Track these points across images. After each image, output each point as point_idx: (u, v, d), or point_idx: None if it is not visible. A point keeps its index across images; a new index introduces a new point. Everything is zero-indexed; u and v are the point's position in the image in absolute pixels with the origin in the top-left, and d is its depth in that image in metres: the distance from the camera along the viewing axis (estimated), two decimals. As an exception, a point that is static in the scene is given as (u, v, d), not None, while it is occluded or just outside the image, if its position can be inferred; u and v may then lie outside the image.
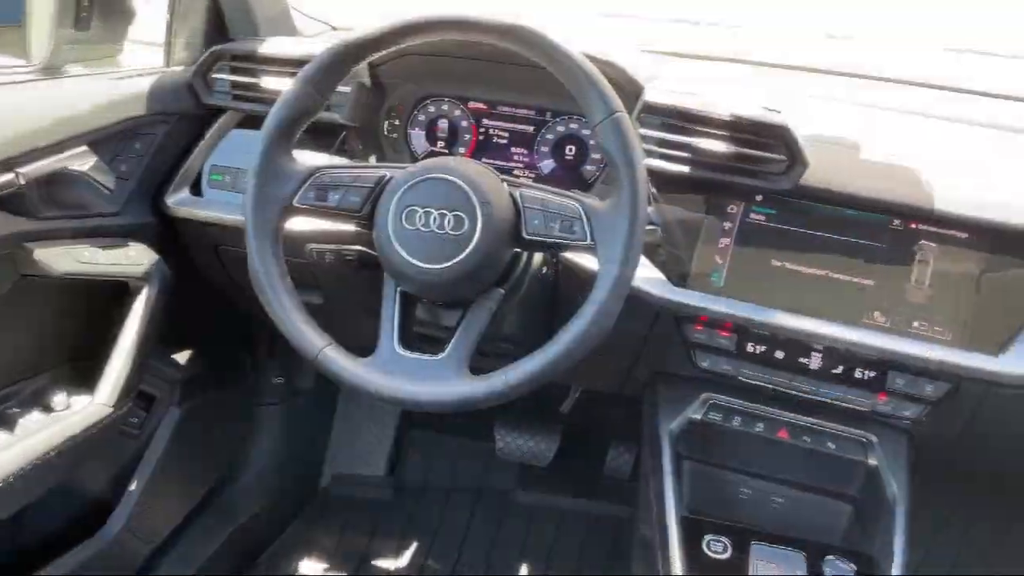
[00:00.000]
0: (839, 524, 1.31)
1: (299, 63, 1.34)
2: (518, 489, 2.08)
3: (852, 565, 1.19)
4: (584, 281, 1.01)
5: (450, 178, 1.03)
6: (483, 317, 1.06)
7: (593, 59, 1.03)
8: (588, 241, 1.02)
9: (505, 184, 1.06)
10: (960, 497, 1.81)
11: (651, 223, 1.21)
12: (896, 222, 1.18)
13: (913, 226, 1.17)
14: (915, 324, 1.16)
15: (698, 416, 1.33)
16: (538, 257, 1.20)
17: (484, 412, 1.97)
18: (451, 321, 1.09)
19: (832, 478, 1.31)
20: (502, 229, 1.03)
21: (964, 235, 1.15)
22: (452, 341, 1.05)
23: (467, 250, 1.01)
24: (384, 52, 1.09)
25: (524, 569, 1.92)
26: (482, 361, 1.06)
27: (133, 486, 1.60)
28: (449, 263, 1.01)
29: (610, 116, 1.00)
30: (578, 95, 1.02)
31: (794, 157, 1.16)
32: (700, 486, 1.36)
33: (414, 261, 1.02)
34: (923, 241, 1.17)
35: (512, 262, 1.12)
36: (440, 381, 1.02)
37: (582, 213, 1.03)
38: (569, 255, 1.22)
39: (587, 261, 1.19)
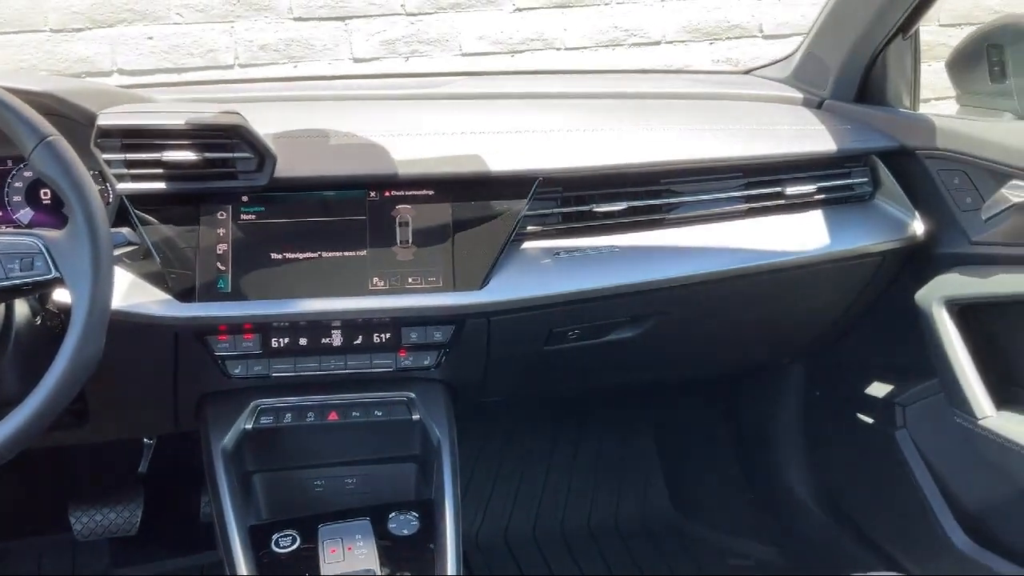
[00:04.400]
0: (410, 484, 1.39)
1: None
2: (113, 569, 1.92)
3: (414, 513, 1.27)
4: None
5: None
6: None
7: (17, 91, 0.99)
8: (54, 274, 0.98)
9: None
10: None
11: (129, 243, 1.19)
12: (372, 194, 1.27)
13: (387, 194, 1.27)
14: (410, 280, 1.26)
15: (250, 426, 1.32)
16: (23, 307, 1.12)
17: (54, 497, 1.81)
18: None
19: (393, 444, 1.39)
20: None
21: (431, 192, 1.28)
22: None
23: None
24: None
25: None
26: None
27: None
28: None
29: (41, 142, 0.96)
30: (6, 130, 0.97)
31: (260, 153, 1.20)
32: (276, 494, 1.36)
33: None
34: (399, 205, 1.27)
35: None
36: None
37: (41, 247, 0.98)
38: (59, 295, 1.15)
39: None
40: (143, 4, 3.04)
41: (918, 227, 1.42)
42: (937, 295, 1.35)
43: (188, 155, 1.19)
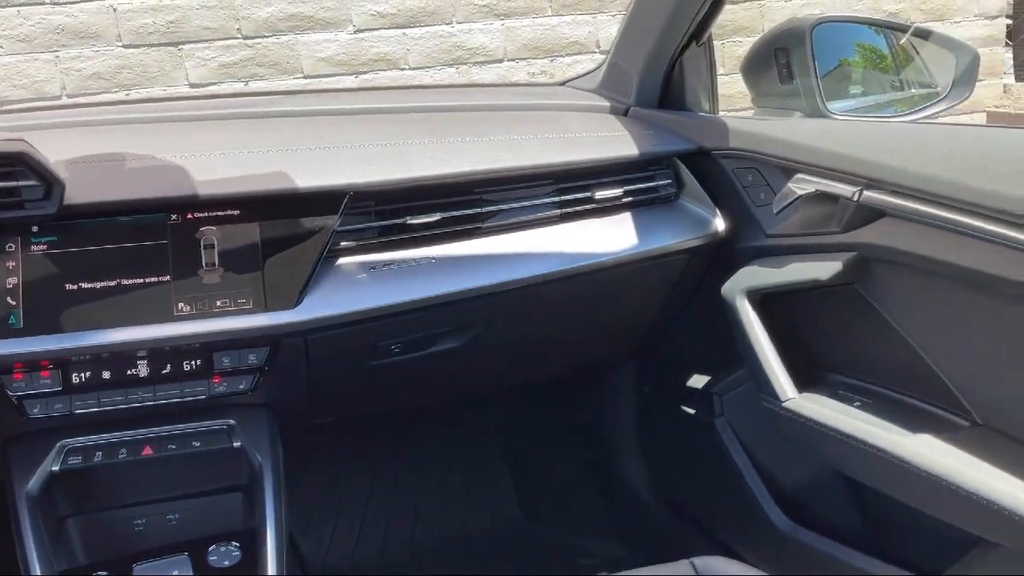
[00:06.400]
0: (236, 514, 1.35)
1: None
2: None
3: (235, 544, 1.24)
4: None
5: None
6: None
7: None
8: None
9: None
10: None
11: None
12: (174, 216, 1.23)
13: (190, 216, 1.24)
14: (219, 303, 1.22)
15: (57, 468, 1.25)
16: None
17: None
18: None
19: (216, 474, 1.34)
20: None
21: (236, 212, 1.25)
22: None
23: None
24: None
25: None
26: None
27: None
28: None
29: None
30: None
31: (47, 180, 1.14)
32: (94, 537, 1.29)
33: None
34: (203, 227, 1.24)
35: None
36: None
37: None
38: None
39: None
40: (-41, 37, 2.90)
41: (720, 224, 1.49)
42: (739, 287, 1.42)
43: None
